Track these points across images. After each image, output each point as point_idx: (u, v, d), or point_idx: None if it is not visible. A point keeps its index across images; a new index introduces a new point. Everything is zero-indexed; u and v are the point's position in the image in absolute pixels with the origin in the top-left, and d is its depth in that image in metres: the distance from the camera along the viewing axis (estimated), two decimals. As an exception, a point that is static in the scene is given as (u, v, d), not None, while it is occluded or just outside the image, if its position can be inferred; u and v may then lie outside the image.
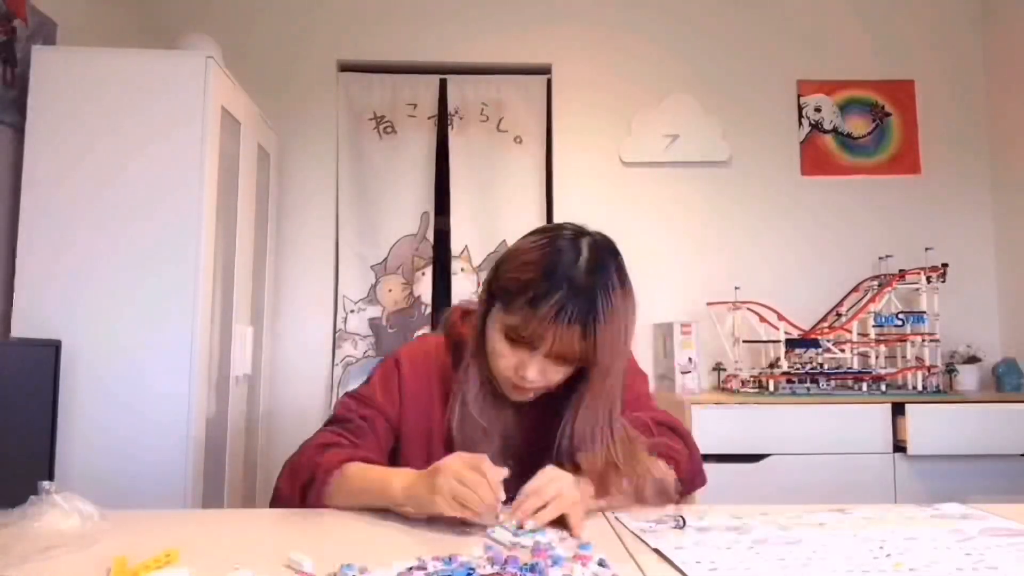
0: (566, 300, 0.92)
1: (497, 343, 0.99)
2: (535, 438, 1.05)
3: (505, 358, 0.99)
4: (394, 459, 1.09)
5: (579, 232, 1.00)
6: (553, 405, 1.03)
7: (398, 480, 0.93)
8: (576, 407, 1.00)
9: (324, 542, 0.76)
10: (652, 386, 2.67)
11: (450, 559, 0.69)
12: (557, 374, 0.99)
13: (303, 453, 1.04)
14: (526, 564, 0.67)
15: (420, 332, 2.93)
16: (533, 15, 3.04)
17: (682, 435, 1.13)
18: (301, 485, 1.00)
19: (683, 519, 0.88)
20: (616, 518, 0.93)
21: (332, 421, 1.10)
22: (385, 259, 2.97)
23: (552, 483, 0.89)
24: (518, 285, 0.96)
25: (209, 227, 2.08)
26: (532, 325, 0.94)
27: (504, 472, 0.86)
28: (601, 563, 0.69)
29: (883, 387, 2.50)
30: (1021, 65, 2.84)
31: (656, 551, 0.73)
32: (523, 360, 0.97)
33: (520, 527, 0.82)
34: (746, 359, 2.72)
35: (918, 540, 0.74)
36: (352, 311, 2.94)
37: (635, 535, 0.81)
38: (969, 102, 3.03)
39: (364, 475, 0.97)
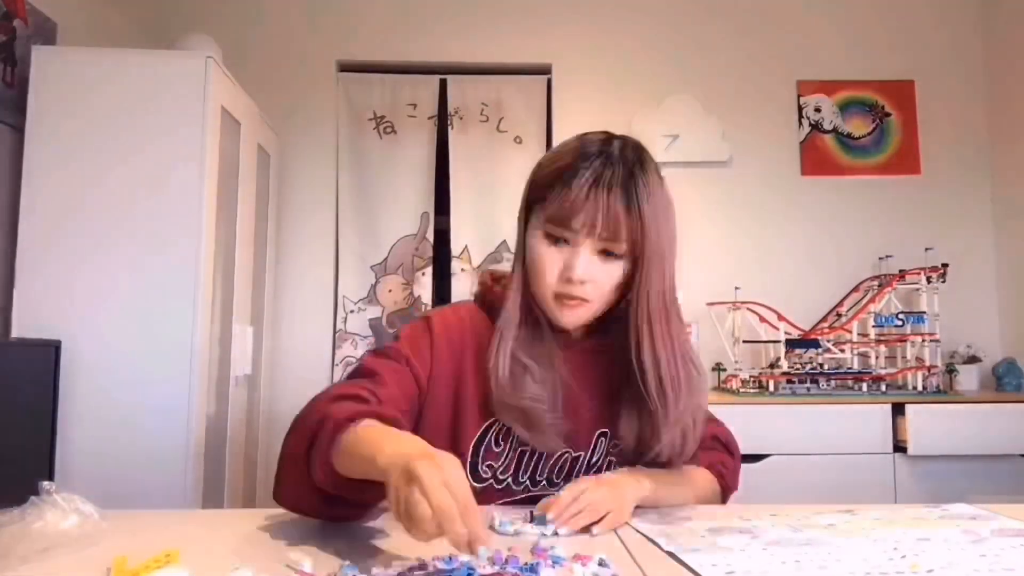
0: (603, 168, 0.88)
1: (539, 248, 0.92)
2: (587, 383, 0.98)
3: (549, 262, 0.91)
4: (418, 428, 0.96)
5: (610, 134, 0.97)
6: (604, 349, 0.97)
7: (389, 449, 0.69)
8: (633, 309, 0.92)
9: (324, 542, 0.76)
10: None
11: (450, 558, 0.69)
12: (604, 274, 0.91)
13: (314, 404, 0.84)
14: (526, 564, 0.67)
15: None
16: (533, 15, 3.04)
17: (733, 451, 1.13)
18: (307, 442, 0.78)
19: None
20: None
21: (352, 376, 0.94)
22: (385, 259, 2.97)
23: (592, 491, 0.85)
24: (552, 174, 0.91)
25: (209, 227, 2.08)
26: (570, 201, 0.88)
27: (481, 515, 0.65)
28: (601, 563, 0.69)
29: (883, 387, 2.50)
30: (1021, 65, 2.84)
31: (670, 554, 0.73)
32: (568, 260, 0.90)
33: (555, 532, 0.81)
34: (746, 359, 2.72)
35: (931, 541, 0.74)
36: (352, 311, 2.94)
37: (645, 537, 0.81)
38: (969, 102, 3.03)
39: (369, 437, 0.74)
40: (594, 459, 1.01)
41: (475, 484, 0.97)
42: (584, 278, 0.89)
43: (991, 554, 0.70)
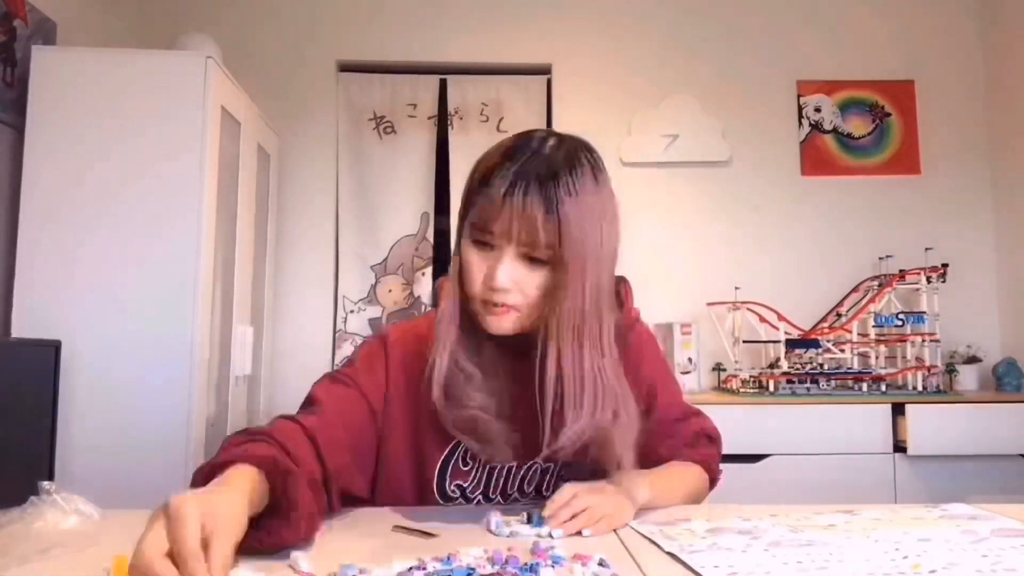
0: (525, 168, 0.83)
1: (466, 255, 0.88)
2: (523, 383, 0.90)
3: (476, 268, 0.86)
4: (380, 452, 0.96)
5: (551, 132, 0.91)
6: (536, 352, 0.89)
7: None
8: (549, 317, 0.85)
9: (323, 542, 0.76)
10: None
11: (449, 559, 0.69)
12: (529, 280, 0.85)
13: (229, 439, 0.80)
14: (526, 564, 0.67)
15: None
16: (533, 15, 3.04)
17: (717, 443, 1.11)
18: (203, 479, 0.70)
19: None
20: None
21: (305, 404, 0.93)
22: (385, 259, 2.97)
23: (585, 496, 0.84)
24: (480, 174, 0.87)
25: (209, 227, 2.08)
26: (490, 207, 0.84)
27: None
28: (601, 563, 0.69)
29: (883, 387, 2.50)
30: (1021, 65, 2.84)
31: (671, 555, 0.73)
32: (491, 266, 0.85)
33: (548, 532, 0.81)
34: (746, 359, 2.72)
35: (932, 541, 0.74)
36: (352, 311, 2.94)
37: (645, 538, 0.81)
38: (969, 102, 3.03)
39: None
40: (563, 468, 0.98)
41: (444, 504, 0.97)
42: (505, 285, 0.84)
43: (992, 554, 0.69)
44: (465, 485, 0.97)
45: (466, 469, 0.97)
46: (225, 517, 0.60)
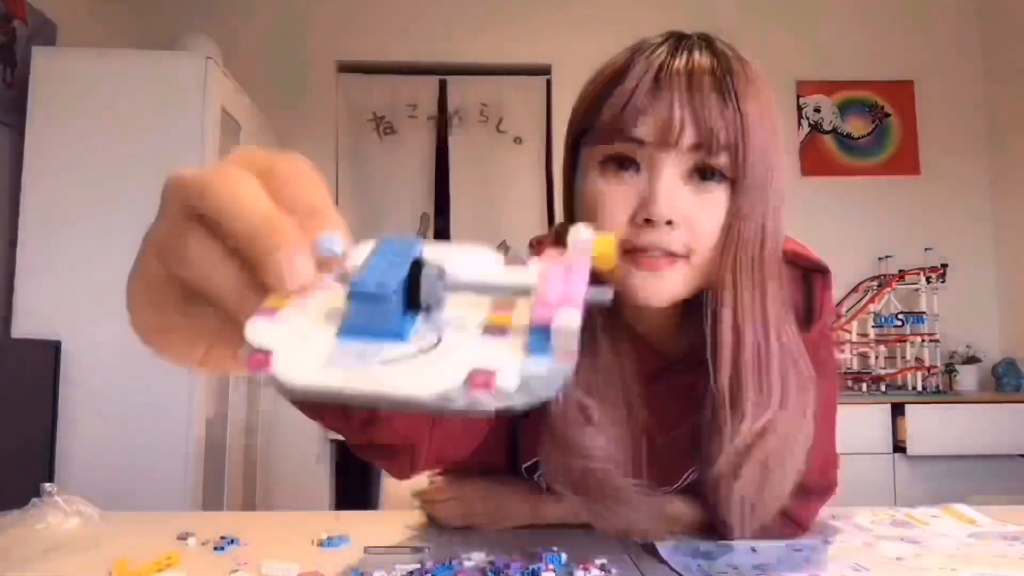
0: (675, 49, 0.61)
1: (592, 186, 0.60)
2: (683, 411, 0.64)
3: (611, 200, 0.58)
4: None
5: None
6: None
7: None
8: (723, 263, 0.58)
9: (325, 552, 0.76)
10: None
11: (449, 563, 0.69)
12: (706, 208, 0.58)
13: None
14: (527, 568, 0.67)
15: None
16: (533, 15, 3.04)
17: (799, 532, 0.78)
18: None
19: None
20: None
21: None
22: (385, 259, 2.97)
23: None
24: (600, 84, 0.63)
25: (209, 227, 2.08)
26: (628, 97, 0.58)
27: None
28: (603, 567, 0.69)
29: (883, 387, 2.51)
30: (1021, 65, 2.84)
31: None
32: (641, 191, 0.58)
33: None
34: (746, 359, 2.71)
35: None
36: (352, 311, 2.94)
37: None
38: (969, 102, 3.04)
39: None
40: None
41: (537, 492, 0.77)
42: (669, 215, 0.56)
43: None
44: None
45: None
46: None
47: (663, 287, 0.58)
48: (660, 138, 0.57)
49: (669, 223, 0.56)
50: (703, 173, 0.58)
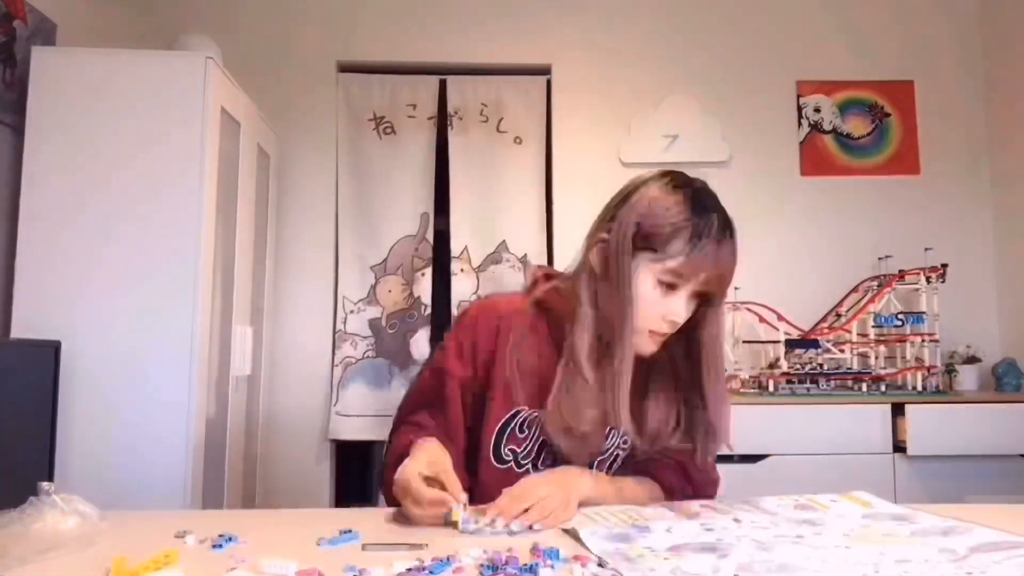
0: (717, 228, 0.97)
1: (648, 291, 0.98)
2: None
3: (655, 304, 0.98)
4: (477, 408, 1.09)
5: (689, 179, 1.04)
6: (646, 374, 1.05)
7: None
8: (700, 343, 1.02)
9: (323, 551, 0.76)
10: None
11: (448, 560, 0.69)
12: (688, 314, 1.01)
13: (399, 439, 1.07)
14: (525, 565, 0.67)
15: (421, 331, 2.94)
16: (533, 15, 3.05)
17: (695, 485, 1.10)
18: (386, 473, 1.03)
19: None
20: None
21: (413, 402, 1.12)
22: (385, 260, 2.97)
23: (535, 488, 0.90)
24: (671, 229, 0.96)
25: (209, 227, 2.08)
26: (695, 261, 0.96)
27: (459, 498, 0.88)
28: (600, 563, 0.69)
29: (883, 387, 2.50)
30: (1021, 65, 2.84)
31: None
32: (669, 302, 0.98)
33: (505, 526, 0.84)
34: (746, 359, 2.72)
35: (912, 562, 0.71)
36: (352, 312, 2.94)
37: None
38: (969, 102, 3.03)
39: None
40: (605, 451, 1.09)
41: (498, 465, 1.06)
42: (680, 322, 1.00)
43: (976, 572, 0.67)
44: (518, 451, 1.07)
45: (522, 436, 1.06)
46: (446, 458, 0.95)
47: (653, 348, 1.03)
48: (694, 281, 0.98)
49: (679, 324, 1.00)
50: (699, 293, 1.00)
